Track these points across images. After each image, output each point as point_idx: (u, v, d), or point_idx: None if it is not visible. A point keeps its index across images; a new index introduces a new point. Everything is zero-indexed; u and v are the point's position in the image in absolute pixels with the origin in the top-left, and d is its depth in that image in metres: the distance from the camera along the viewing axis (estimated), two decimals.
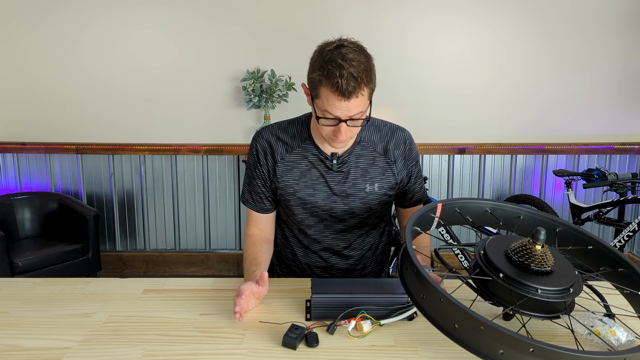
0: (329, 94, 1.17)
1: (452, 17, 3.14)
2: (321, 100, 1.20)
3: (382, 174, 1.38)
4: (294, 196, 1.38)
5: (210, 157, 3.31)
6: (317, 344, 1.03)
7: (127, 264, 3.43)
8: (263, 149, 1.38)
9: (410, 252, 0.98)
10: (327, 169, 1.36)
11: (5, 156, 3.29)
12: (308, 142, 1.37)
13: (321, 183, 1.37)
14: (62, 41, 3.14)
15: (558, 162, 3.32)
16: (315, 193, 1.37)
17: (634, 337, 1.04)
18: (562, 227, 1.23)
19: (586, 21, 3.14)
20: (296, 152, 1.37)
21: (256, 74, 3.04)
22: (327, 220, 1.41)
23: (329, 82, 1.16)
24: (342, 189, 1.37)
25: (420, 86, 3.22)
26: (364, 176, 1.37)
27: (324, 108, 1.20)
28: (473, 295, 1.04)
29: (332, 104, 1.18)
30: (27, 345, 1.05)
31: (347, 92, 1.15)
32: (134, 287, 1.32)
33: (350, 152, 1.36)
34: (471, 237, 3.38)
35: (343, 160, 1.36)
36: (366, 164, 1.37)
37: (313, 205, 1.38)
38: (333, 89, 1.16)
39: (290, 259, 1.51)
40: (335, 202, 1.38)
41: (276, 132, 1.39)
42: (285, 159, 1.37)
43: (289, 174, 1.37)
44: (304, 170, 1.36)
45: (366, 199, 1.38)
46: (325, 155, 1.36)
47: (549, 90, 3.24)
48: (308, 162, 1.36)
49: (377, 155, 1.38)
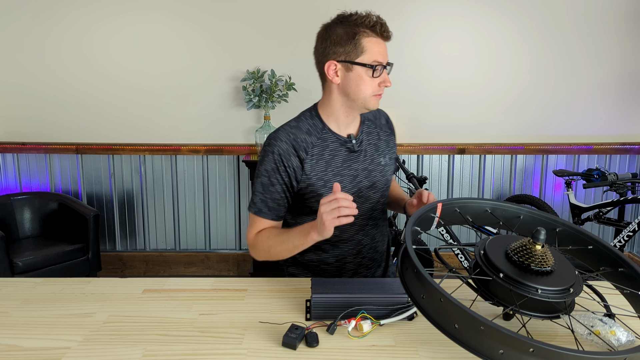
0: (374, 40, 1.30)
1: (452, 17, 3.14)
2: (368, 52, 1.30)
3: (387, 146, 1.50)
4: (325, 187, 1.38)
5: (210, 157, 3.31)
6: (317, 344, 1.03)
7: (127, 264, 3.43)
8: (285, 151, 1.35)
9: (410, 252, 0.98)
10: (348, 151, 1.41)
11: (5, 156, 3.29)
12: (325, 131, 1.40)
13: (346, 167, 1.41)
14: (63, 41, 3.14)
15: (558, 162, 3.32)
16: (342, 179, 1.40)
17: (634, 337, 1.04)
18: (562, 227, 1.23)
19: (586, 21, 3.14)
20: (317, 145, 1.38)
21: (256, 74, 3.04)
22: (355, 202, 1.36)
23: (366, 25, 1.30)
24: (364, 166, 1.43)
25: (420, 86, 3.22)
26: (377, 150, 1.47)
27: (374, 58, 1.30)
28: (473, 295, 1.04)
29: (380, 51, 1.30)
30: (27, 345, 1.05)
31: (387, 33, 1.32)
32: (134, 287, 1.32)
33: (362, 131, 1.45)
34: (471, 237, 3.38)
35: (360, 140, 1.43)
36: (375, 140, 1.47)
37: (343, 191, 1.36)
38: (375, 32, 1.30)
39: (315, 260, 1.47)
40: (360, 181, 1.43)
41: (292, 132, 1.38)
42: (309, 154, 1.37)
43: (316, 167, 1.38)
44: (328, 160, 1.39)
45: (383, 171, 1.47)
46: (344, 139, 1.41)
47: (549, 90, 3.24)
48: (330, 150, 1.40)
49: (378, 130, 1.50)
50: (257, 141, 3.12)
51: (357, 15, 1.32)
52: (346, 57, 1.31)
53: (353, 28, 1.30)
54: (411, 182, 2.49)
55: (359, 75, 1.31)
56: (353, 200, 1.31)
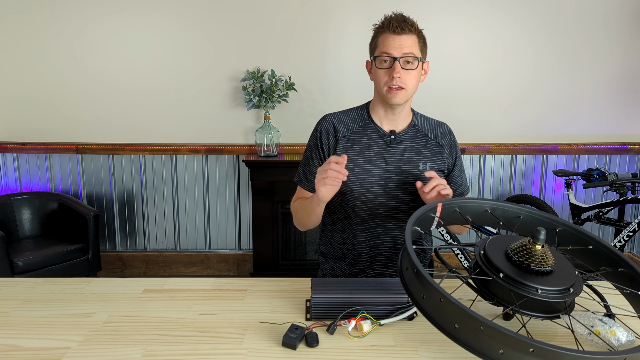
0: (384, 35, 1.39)
1: (452, 17, 3.14)
2: (379, 46, 1.40)
3: (433, 156, 1.50)
4: (353, 171, 1.46)
5: (210, 157, 3.31)
6: (317, 344, 1.03)
7: (127, 264, 3.43)
8: (326, 130, 1.50)
9: (410, 252, 0.98)
10: (385, 145, 1.47)
11: (5, 156, 3.29)
12: (368, 122, 1.49)
13: (379, 159, 1.46)
14: (63, 41, 3.14)
15: (558, 162, 3.32)
16: (372, 168, 1.46)
17: (634, 337, 1.04)
18: (562, 227, 1.23)
19: (586, 21, 3.14)
20: (357, 132, 1.48)
21: (256, 74, 3.04)
22: (381, 196, 1.47)
23: (382, 26, 1.41)
24: (398, 164, 1.46)
25: (420, 86, 3.20)
26: (418, 155, 1.49)
27: (381, 50, 1.39)
28: (473, 295, 1.04)
29: (387, 43, 1.38)
30: (27, 345, 1.05)
31: (399, 28, 1.37)
32: (134, 287, 1.32)
33: (407, 132, 1.49)
34: (471, 237, 3.38)
35: (400, 138, 1.48)
36: (420, 145, 1.49)
37: (370, 181, 1.46)
38: (387, 28, 1.38)
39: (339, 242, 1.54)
40: (390, 177, 1.46)
41: (338, 115, 1.52)
42: (347, 137, 1.48)
43: (349, 150, 1.46)
44: (363, 147, 1.47)
45: (419, 176, 1.47)
46: (384, 132, 1.47)
47: (549, 90, 3.24)
48: (367, 139, 1.47)
49: (428, 139, 1.51)
50: (257, 141, 3.12)
51: (385, 17, 1.44)
52: (371, 54, 1.45)
53: (376, 29, 1.44)
54: None
55: (375, 68, 1.42)
56: (379, 194, 1.46)
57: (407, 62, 1.39)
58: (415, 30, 1.42)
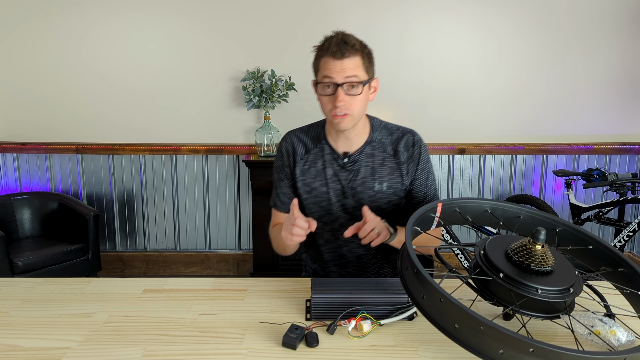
0: (325, 59, 1.32)
1: (451, 17, 3.14)
2: (320, 70, 1.34)
3: (390, 174, 1.44)
4: (311, 194, 1.46)
5: (210, 157, 3.31)
6: (317, 344, 1.03)
7: (127, 264, 3.43)
8: (287, 150, 1.49)
9: (410, 252, 0.98)
10: (339, 167, 1.45)
11: (5, 156, 3.29)
12: (323, 142, 1.46)
13: (334, 181, 1.45)
14: (62, 41, 3.14)
15: (558, 162, 3.32)
16: (329, 190, 1.45)
17: (634, 337, 1.04)
18: (562, 227, 1.23)
19: (585, 20, 3.14)
20: (313, 153, 1.47)
21: (256, 74, 3.04)
22: (341, 218, 1.47)
23: (322, 48, 1.33)
24: (352, 186, 1.44)
25: (420, 86, 3.22)
26: (373, 175, 1.44)
27: (323, 74, 1.33)
28: (473, 295, 1.04)
29: (328, 67, 1.31)
30: (27, 345, 1.05)
31: (340, 51, 1.29)
32: (134, 287, 1.32)
33: (361, 152, 1.44)
34: (471, 237, 3.38)
35: (354, 159, 1.44)
36: (375, 164, 1.44)
37: (328, 203, 1.45)
38: (327, 52, 1.31)
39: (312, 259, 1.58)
40: (347, 199, 1.45)
41: (299, 134, 1.50)
42: (304, 159, 1.47)
43: (307, 172, 1.46)
44: (319, 170, 1.46)
45: (374, 197, 1.44)
46: (338, 154, 1.45)
47: (549, 90, 3.24)
48: (323, 160, 1.46)
49: (386, 156, 1.45)
50: (257, 141, 3.12)
51: (325, 37, 1.36)
52: (314, 71, 1.39)
53: (318, 51, 1.36)
54: None
55: (319, 94, 1.37)
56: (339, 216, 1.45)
57: (352, 87, 1.32)
58: (359, 51, 1.32)
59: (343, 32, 1.34)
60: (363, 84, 1.33)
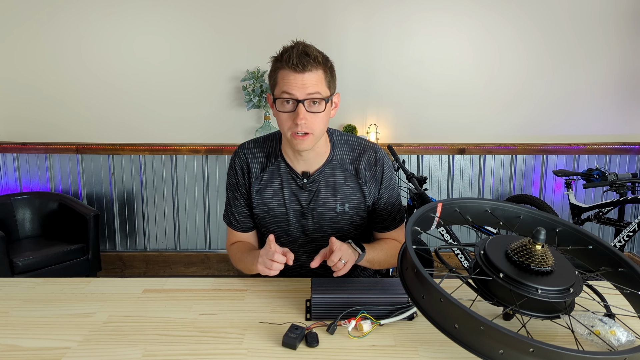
0: (284, 72, 1.22)
1: (451, 17, 3.14)
2: (278, 84, 1.23)
3: (353, 194, 1.37)
4: (268, 214, 1.39)
5: (210, 157, 3.31)
6: (317, 344, 1.03)
7: (127, 264, 3.43)
8: (240, 168, 1.40)
9: (410, 252, 0.98)
10: (298, 187, 1.37)
11: (5, 156, 3.29)
12: (280, 161, 1.37)
13: (293, 201, 1.37)
14: (63, 41, 3.14)
15: (558, 162, 3.32)
16: (287, 211, 1.38)
17: (634, 337, 1.04)
18: (562, 227, 1.23)
19: (585, 20, 3.14)
20: (269, 171, 1.38)
21: (256, 74, 3.04)
22: (300, 239, 1.41)
23: (281, 60, 1.22)
24: (313, 206, 1.37)
25: (420, 86, 3.22)
26: (335, 195, 1.37)
27: (282, 89, 1.22)
28: (473, 295, 1.04)
29: (288, 81, 1.21)
30: (27, 345, 1.05)
31: (301, 64, 1.19)
32: (134, 287, 1.32)
33: (322, 171, 1.36)
34: (471, 237, 3.38)
35: (314, 179, 1.36)
36: (337, 184, 1.37)
37: (287, 224, 1.39)
38: (286, 64, 1.20)
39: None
40: (307, 220, 1.38)
41: (252, 150, 1.40)
42: (260, 178, 1.38)
43: (263, 192, 1.38)
44: (276, 189, 1.38)
45: (336, 218, 1.38)
46: (297, 174, 1.36)
47: (549, 90, 3.24)
48: (280, 180, 1.37)
49: (348, 175, 1.37)
50: None
51: (284, 48, 1.25)
52: (270, 85, 1.28)
53: (276, 62, 1.25)
54: (411, 182, 2.49)
55: (275, 111, 1.26)
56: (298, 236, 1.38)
57: (313, 103, 1.22)
58: (321, 64, 1.22)
59: (304, 43, 1.24)
60: (326, 100, 1.24)
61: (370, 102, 3.20)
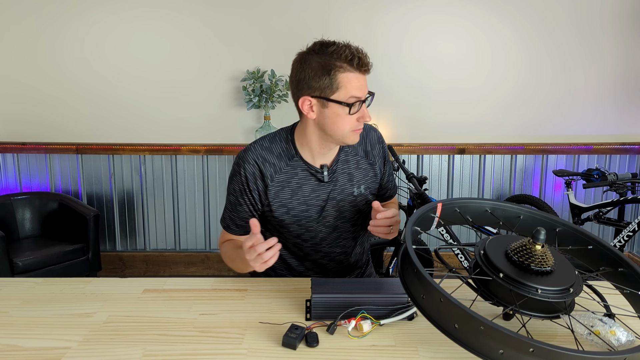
0: (350, 75, 1.21)
1: (451, 18, 3.14)
2: (344, 88, 1.21)
3: (366, 176, 1.43)
4: (288, 215, 1.37)
5: (210, 157, 3.31)
6: (317, 344, 1.03)
7: (127, 264, 3.43)
8: (252, 174, 1.34)
9: (410, 252, 0.98)
10: (318, 182, 1.37)
11: (5, 156, 3.29)
12: (296, 159, 1.36)
13: (314, 198, 1.37)
14: (63, 41, 3.14)
15: (558, 162, 3.32)
16: (308, 208, 1.37)
17: (634, 337, 1.04)
18: (562, 227, 1.23)
19: (584, 20, 3.14)
20: (285, 172, 1.35)
21: (256, 74, 3.04)
22: (322, 232, 1.41)
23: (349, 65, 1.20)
24: (333, 196, 1.39)
25: (420, 86, 3.22)
26: (351, 180, 1.40)
27: (351, 94, 1.22)
28: (473, 295, 1.04)
29: (357, 86, 1.22)
30: (27, 345, 1.05)
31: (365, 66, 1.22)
32: (134, 287, 1.32)
33: (337, 160, 1.39)
34: (471, 237, 3.38)
35: (333, 170, 1.38)
36: (351, 169, 1.41)
37: (307, 220, 1.39)
38: (351, 66, 1.20)
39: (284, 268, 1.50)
40: (328, 211, 1.39)
41: (261, 154, 1.35)
42: (275, 180, 1.35)
43: (281, 194, 1.36)
44: (295, 188, 1.36)
45: (355, 201, 1.41)
46: (316, 169, 1.36)
47: (549, 90, 3.24)
48: (298, 179, 1.36)
49: (359, 159, 1.43)
50: None
51: (335, 46, 1.21)
52: (321, 93, 1.23)
53: (329, 61, 1.20)
54: (411, 182, 2.49)
55: (335, 112, 1.24)
56: (320, 230, 1.38)
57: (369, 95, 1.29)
58: None
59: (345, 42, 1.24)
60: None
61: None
